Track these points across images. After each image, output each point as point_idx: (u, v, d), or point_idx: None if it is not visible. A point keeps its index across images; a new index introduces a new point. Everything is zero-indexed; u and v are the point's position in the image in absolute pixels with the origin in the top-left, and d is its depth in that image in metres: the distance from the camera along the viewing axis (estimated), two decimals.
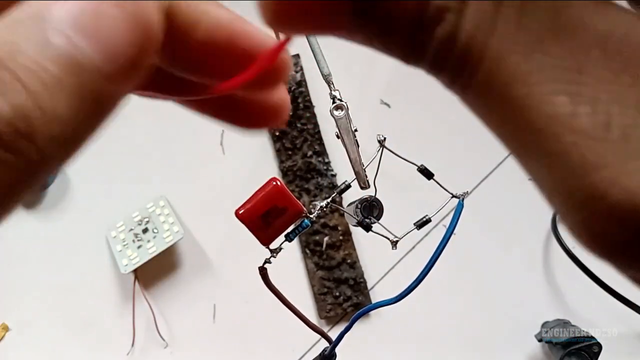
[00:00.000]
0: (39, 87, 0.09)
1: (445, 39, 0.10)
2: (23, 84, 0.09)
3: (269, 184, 0.20)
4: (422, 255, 0.64)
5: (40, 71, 0.09)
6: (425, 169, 0.23)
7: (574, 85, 0.10)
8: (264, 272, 0.21)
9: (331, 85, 0.22)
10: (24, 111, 0.09)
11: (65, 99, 0.09)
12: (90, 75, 0.09)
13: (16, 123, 0.09)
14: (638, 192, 0.09)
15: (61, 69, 0.09)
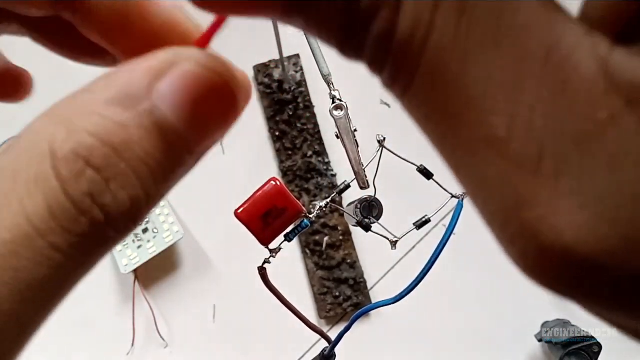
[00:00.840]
0: (149, 179, 0.10)
1: (381, 36, 0.09)
2: (138, 176, 0.09)
3: (269, 184, 0.20)
4: (422, 255, 0.64)
5: (150, 161, 0.10)
6: (424, 169, 0.23)
7: (511, 104, 0.09)
8: (263, 272, 0.21)
9: (331, 85, 0.22)
10: (139, 202, 0.10)
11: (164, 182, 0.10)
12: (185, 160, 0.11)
13: (131, 213, 0.10)
14: (568, 232, 0.09)
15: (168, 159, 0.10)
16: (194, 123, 0.10)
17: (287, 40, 0.74)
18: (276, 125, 0.69)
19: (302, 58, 0.73)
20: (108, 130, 0.09)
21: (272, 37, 0.62)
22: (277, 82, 0.71)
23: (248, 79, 0.11)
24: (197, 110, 0.10)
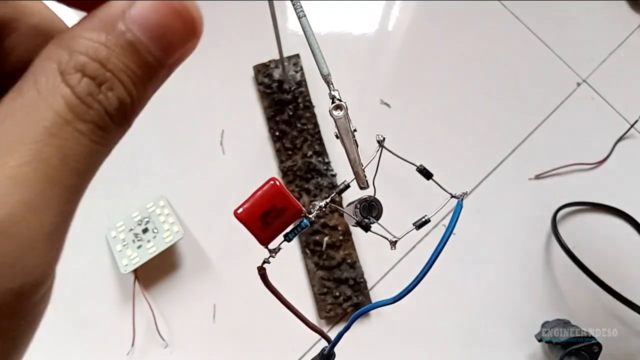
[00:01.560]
0: (129, 84, 0.13)
1: None
2: (120, 82, 0.13)
3: (268, 184, 0.20)
4: (422, 255, 0.64)
5: (128, 71, 0.13)
6: (424, 169, 0.23)
7: None
8: (262, 272, 0.21)
9: (331, 85, 0.22)
10: (124, 101, 0.13)
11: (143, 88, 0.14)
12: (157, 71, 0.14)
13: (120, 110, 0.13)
14: None
15: (143, 70, 0.13)
16: (161, 41, 0.13)
17: (287, 40, 0.74)
18: (276, 125, 0.69)
19: (302, 58, 0.73)
20: (95, 50, 0.13)
21: (272, 37, 0.62)
22: (277, 82, 0.71)
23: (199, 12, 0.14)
24: (163, 30, 0.13)
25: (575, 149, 0.70)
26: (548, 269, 0.64)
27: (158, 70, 0.14)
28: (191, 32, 0.14)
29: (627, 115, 0.73)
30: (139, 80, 0.13)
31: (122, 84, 0.13)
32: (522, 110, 0.73)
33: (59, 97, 0.12)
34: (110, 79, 0.13)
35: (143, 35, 0.13)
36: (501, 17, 0.79)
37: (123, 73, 0.13)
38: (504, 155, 0.70)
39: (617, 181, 0.69)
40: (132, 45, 0.13)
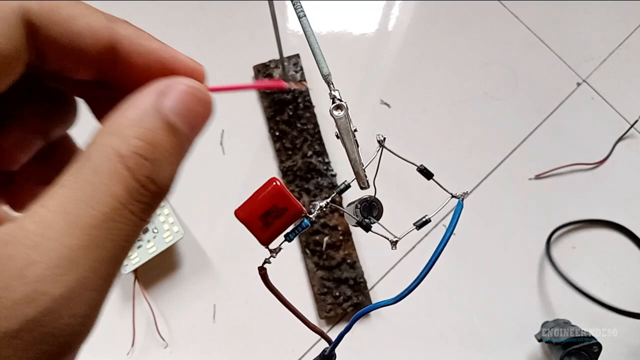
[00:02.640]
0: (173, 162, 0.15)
1: None
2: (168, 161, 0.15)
3: (269, 184, 0.20)
4: (422, 255, 0.64)
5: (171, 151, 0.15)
6: (424, 169, 0.23)
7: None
8: (263, 272, 0.21)
9: (331, 85, 0.22)
10: (172, 176, 0.15)
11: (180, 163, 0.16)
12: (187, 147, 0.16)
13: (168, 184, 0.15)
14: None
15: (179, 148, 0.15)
16: (190, 122, 0.16)
17: (287, 40, 0.74)
18: (276, 125, 0.69)
19: (302, 58, 0.73)
20: (145, 135, 0.14)
21: (272, 37, 0.62)
22: None
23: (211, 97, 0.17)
24: (190, 114, 0.16)
25: (575, 149, 0.70)
26: (548, 268, 0.64)
27: (187, 146, 0.16)
28: (208, 111, 0.16)
29: (627, 115, 0.73)
30: (178, 157, 0.15)
31: (168, 164, 0.15)
32: (522, 110, 0.73)
33: (118, 183, 0.14)
34: (160, 159, 0.15)
35: (177, 119, 0.15)
36: (501, 17, 0.79)
37: (168, 153, 0.15)
38: (504, 155, 0.70)
39: (617, 182, 0.69)
40: (172, 128, 0.15)
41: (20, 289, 0.12)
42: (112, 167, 0.14)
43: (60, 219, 0.13)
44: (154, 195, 0.15)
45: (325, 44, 0.22)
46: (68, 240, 0.13)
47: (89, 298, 0.13)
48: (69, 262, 0.13)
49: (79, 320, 0.13)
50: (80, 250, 0.13)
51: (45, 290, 0.12)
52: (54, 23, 0.15)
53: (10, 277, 0.12)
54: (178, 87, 0.16)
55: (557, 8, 0.80)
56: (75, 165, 0.14)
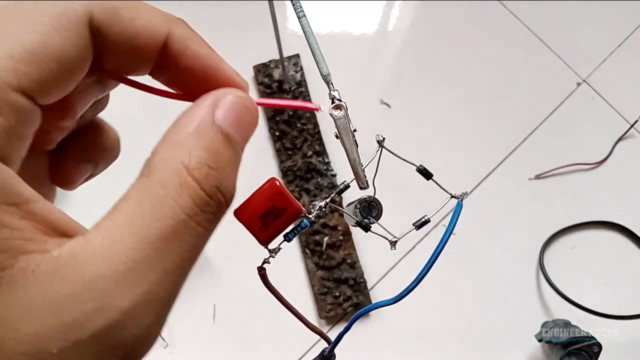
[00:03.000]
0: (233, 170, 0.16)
1: None
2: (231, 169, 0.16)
3: (268, 184, 0.20)
4: (422, 255, 0.64)
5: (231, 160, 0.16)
6: (424, 169, 0.23)
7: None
8: (262, 272, 0.21)
9: (331, 85, 0.22)
10: (235, 184, 0.16)
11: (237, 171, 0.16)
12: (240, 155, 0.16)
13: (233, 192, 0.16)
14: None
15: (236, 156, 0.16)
16: (241, 132, 0.16)
17: (287, 40, 0.74)
18: (276, 125, 0.69)
19: (302, 58, 0.73)
20: (208, 146, 0.15)
21: (272, 37, 0.62)
22: (277, 82, 0.71)
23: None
24: (241, 122, 0.16)
25: (575, 149, 0.70)
26: (548, 268, 0.64)
27: (241, 155, 0.16)
28: (256, 119, 0.17)
29: (627, 115, 0.73)
30: (236, 166, 0.16)
31: (230, 172, 0.16)
32: (522, 110, 0.73)
33: (185, 194, 0.14)
34: (224, 168, 0.15)
35: (231, 129, 0.16)
36: (501, 17, 0.79)
37: (228, 163, 0.15)
38: (504, 155, 0.70)
39: (617, 182, 0.69)
40: (228, 138, 0.16)
41: (89, 302, 0.12)
42: (180, 180, 0.14)
43: (128, 233, 0.13)
44: (219, 205, 0.15)
45: (325, 44, 0.22)
46: (135, 254, 0.13)
47: (155, 309, 0.14)
48: (136, 276, 0.13)
49: (144, 331, 0.13)
50: (146, 263, 0.13)
51: (113, 303, 0.13)
52: (114, 24, 0.15)
53: (80, 290, 0.12)
54: (228, 99, 0.16)
55: (557, 8, 0.80)
56: (141, 179, 0.15)
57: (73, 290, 0.12)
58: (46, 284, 0.12)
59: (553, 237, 0.65)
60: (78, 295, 0.12)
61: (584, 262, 0.65)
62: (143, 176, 0.15)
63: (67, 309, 0.12)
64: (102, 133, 0.21)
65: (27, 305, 0.12)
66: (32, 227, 0.13)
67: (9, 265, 0.12)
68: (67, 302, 0.12)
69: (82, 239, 0.13)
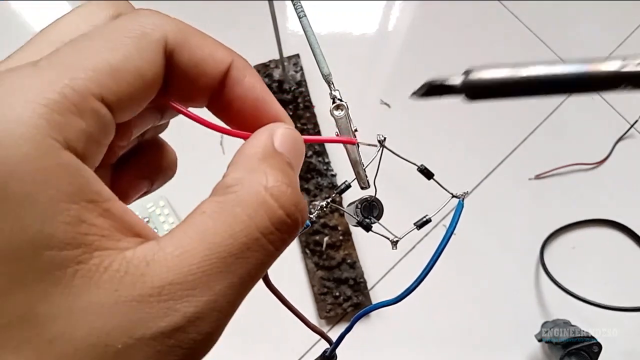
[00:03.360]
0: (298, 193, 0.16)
1: None
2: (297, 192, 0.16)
3: None
4: (422, 255, 0.64)
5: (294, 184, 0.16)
6: (425, 168, 0.23)
7: None
8: None
9: (331, 85, 0.22)
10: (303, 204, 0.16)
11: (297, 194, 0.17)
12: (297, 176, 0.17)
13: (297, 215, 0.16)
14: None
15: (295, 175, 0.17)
16: (296, 159, 0.17)
17: (287, 40, 0.74)
18: None
19: (302, 58, 0.73)
20: (281, 167, 0.16)
21: (272, 37, 0.62)
22: (277, 82, 0.71)
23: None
24: (295, 152, 0.18)
25: (575, 149, 0.70)
26: (548, 268, 0.64)
27: (297, 175, 0.18)
28: (304, 150, 0.18)
29: (627, 115, 0.73)
30: (296, 185, 0.17)
31: (300, 194, 0.16)
32: (522, 110, 0.73)
33: (262, 213, 0.15)
34: (296, 189, 0.16)
35: (289, 155, 0.17)
36: (501, 17, 0.79)
37: (294, 187, 0.16)
38: (504, 155, 0.70)
39: (617, 182, 0.69)
40: (289, 164, 0.17)
41: (156, 305, 0.13)
42: (258, 198, 0.15)
43: (200, 245, 0.14)
44: (295, 224, 0.16)
45: (325, 44, 0.22)
46: (205, 266, 0.14)
47: (216, 319, 0.14)
48: (202, 286, 0.14)
49: (203, 337, 0.14)
50: (214, 275, 0.14)
51: (178, 308, 0.13)
52: (184, 50, 0.16)
53: (149, 293, 0.13)
54: (282, 130, 0.18)
55: (557, 8, 0.80)
56: (216, 197, 0.15)
57: (142, 292, 0.13)
58: (117, 283, 0.13)
59: (554, 234, 0.65)
60: (146, 297, 0.13)
61: (584, 262, 0.65)
62: (218, 195, 0.16)
63: (135, 309, 0.13)
64: (162, 152, 0.22)
65: (98, 301, 0.13)
66: (108, 225, 0.13)
67: (84, 260, 0.13)
68: (135, 303, 0.13)
69: (155, 244, 0.14)
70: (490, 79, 0.18)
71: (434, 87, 0.19)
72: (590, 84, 0.17)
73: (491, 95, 0.18)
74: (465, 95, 0.19)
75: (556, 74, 0.17)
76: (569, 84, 0.17)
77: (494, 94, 0.18)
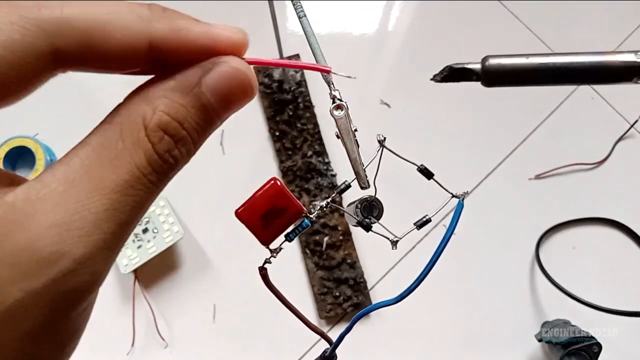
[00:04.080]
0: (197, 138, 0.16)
1: None
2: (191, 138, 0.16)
3: (269, 184, 0.20)
4: (422, 255, 0.64)
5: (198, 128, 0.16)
6: (425, 168, 0.23)
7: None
8: (263, 272, 0.21)
9: (331, 85, 0.21)
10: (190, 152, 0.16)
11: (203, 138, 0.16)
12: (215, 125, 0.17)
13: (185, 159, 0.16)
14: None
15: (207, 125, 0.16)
16: (225, 103, 0.16)
17: (287, 40, 0.74)
18: (276, 125, 0.69)
19: (302, 58, 0.73)
20: (176, 110, 0.15)
21: (272, 37, 0.62)
22: (277, 82, 0.71)
23: (256, 80, 0.17)
24: (228, 95, 0.16)
25: (575, 149, 0.70)
26: (548, 268, 0.64)
27: (216, 124, 0.17)
28: (248, 95, 0.17)
29: (627, 115, 0.73)
30: (202, 132, 0.16)
31: (191, 140, 0.16)
32: (522, 110, 0.73)
33: (141, 152, 0.15)
34: (184, 137, 0.15)
35: (213, 98, 0.16)
36: (501, 17, 0.79)
37: (194, 131, 0.16)
38: (504, 155, 0.70)
39: (617, 182, 0.69)
40: (204, 107, 0.16)
41: (43, 249, 0.13)
42: (137, 137, 0.15)
43: (84, 180, 0.14)
44: (171, 168, 0.15)
45: (325, 44, 0.22)
46: (91, 204, 0.14)
47: (106, 257, 0.14)
48: (91, 226, 0.14)
49: (95, 276, 0.14)
50: (102, 214, 0.14)
51: (67, 251, 0.13)
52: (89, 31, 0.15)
53: (36, 237, 0.13)
54: (220, 68, 0.16)
55: (557, 8, 0.80)
56: (103, 127, 0.15)
57: (29, 237, 0.13)
58: (0, 231, 0.13)
59: (551, 230, 0.65)
60: (33, 242, 0.13)
61: (584, 262, 0.65)
62: (106, 123, 0.15)
63: (22, 259, 0.13)
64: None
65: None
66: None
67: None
68: (22, 252, 0.13)
69: (37, 183, 0.14)
70: (507, 64, 0.19)
71: (455, 71, 0.19)
72: (604, 75, 0.18)
73: (507, 81, 0.19)
74: (483, 81, 0.19)
75: (571, 62, 0.18)
76: (583, 73, 0.18)
77: (510, 80, 0.19)
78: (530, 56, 0.19)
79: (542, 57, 0.18)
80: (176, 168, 0.16)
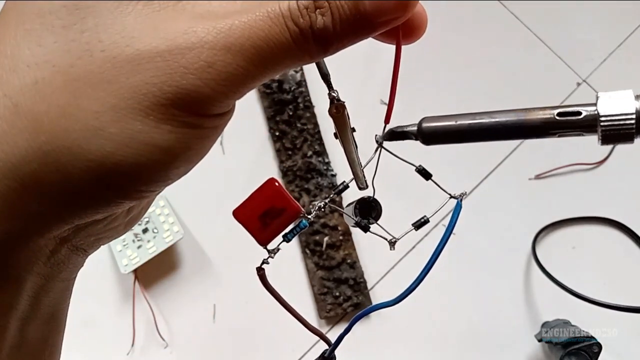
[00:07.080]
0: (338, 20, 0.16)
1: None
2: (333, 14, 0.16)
3: (267, 184, 0.20)
4: (422, 255, 0.64)
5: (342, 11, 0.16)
6: (423, 169, 0.23)
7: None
8: (261, 272, 0.21)
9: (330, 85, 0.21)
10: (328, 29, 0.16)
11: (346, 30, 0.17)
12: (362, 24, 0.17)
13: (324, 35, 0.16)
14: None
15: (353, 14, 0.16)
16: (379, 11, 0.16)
17: None
18: (276, 125, 0.69)
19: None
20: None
21: None
22: (277, 82, 0.71)
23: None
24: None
25: (575, 149, 0.70)
26: (548, 268, 0.64)
27: (364, 24, 0.17)
28: (402, 8, 0.17)
29: None
30: (346, 21, 0.16)
31: (332, 16, 0.16)
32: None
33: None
34: (325, 7, 0.16)
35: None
36: (501, 17, 0.79)
37: (337, 8, 0.16)
38: (504, 155, 0.70)
39: (617, 182, 0.69)
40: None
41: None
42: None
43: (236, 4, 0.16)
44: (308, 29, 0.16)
45: None
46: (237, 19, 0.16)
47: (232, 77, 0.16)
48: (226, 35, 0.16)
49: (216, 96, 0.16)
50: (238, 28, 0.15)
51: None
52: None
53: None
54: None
55: (557, 8, 0.80)
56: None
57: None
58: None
59: (548, 227, 0.65)
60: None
61: (584, 262, 0.65)
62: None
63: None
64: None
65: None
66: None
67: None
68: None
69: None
70: (439, 127, 0.20)
71: (396, 134, 0.21)
72: (527, 132, 0.20)
73: (443, 141, 0.20)
74: (421, 141, 0.21)
75: (497, 122, 0.21)
76: (508, 132, 0.21)
77: (444, 140, 0.20)
78: (460, 118, 0.20)
79: (470, 119, 0.20)
80: (312, 35, 0.16)
